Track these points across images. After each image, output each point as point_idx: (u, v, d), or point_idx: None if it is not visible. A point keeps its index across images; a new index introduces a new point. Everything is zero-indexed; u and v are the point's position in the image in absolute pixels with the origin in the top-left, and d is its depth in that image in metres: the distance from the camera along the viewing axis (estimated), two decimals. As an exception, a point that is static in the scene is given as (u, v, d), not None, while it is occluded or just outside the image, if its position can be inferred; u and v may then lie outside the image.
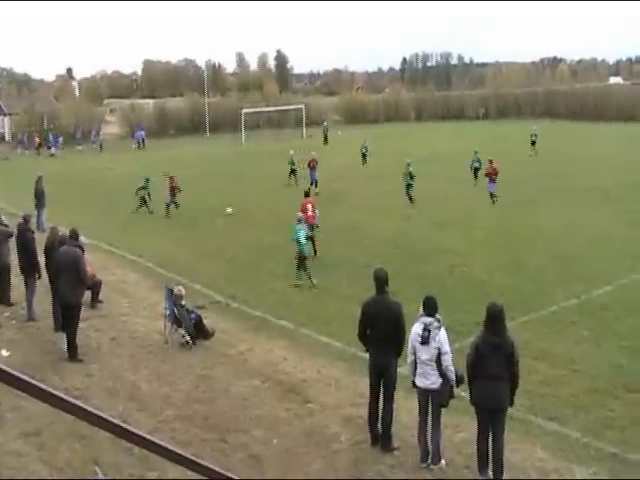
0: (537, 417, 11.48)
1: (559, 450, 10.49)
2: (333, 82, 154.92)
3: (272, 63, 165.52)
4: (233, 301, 18.35)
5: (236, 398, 12.48)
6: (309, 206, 22.64)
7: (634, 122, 74.51)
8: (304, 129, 72.18)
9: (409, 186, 31.94)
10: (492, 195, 31.23)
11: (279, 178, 39.27)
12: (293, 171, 38.49)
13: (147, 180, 31.89)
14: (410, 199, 31.57)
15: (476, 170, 36.51)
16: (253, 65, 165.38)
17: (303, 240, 19.64)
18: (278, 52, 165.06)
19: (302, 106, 75.92)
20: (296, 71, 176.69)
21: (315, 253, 22.43)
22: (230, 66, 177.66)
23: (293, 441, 10.90)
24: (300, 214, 20.50)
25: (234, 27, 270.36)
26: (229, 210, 29.01)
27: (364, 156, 44.84)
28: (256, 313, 17.35)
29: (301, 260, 19.64)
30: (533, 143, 49.59)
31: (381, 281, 10.55)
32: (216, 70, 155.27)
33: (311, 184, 34.61)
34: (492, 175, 31.51)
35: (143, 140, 67.00)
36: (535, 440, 10.77)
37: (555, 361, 13.81)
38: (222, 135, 73.46)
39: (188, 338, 15.02)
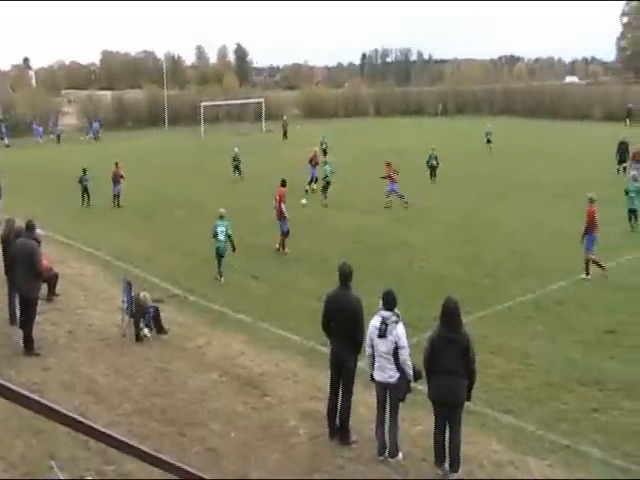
0: (493, 410, 11.63)
1: (514, 442, 10.66)
2: (293, 76, 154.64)
3: (232, 56, 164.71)
4: (191, 295, 18.29)
5: (194, 392, 12.45)
6: (277, 197, 22.58)
7: (589, 120, 75.62)
8: (263, 123, 71.96)
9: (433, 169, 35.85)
10: (401, 197, 30.42)
11: (242, 177, 39.17)
12: (237, 167, 38.76)
13: (84, 171, 31.06)
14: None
15: (433, 168, 36.53)
16: (213, 58, 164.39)
17: (221, 237, 19.65)
18: (238, 45, 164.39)
19: (262, 100, 75.65)
20: (256, 65, 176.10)
21: (283, 248, 22.55)
22: (189, 59, 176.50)
23: (251, 434, 10.91)
24: (222, 210, 20.23)
25: (194, 19, 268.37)
26: (304, 201, 28.47)
27: (325, 152, 44.83)
28: (214, 307, 17.31)
29: (219, 256, 19.78)
30: (488, 141, 49.98)
31: (345, 276, 10.61)
32: (175, 62, 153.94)
33: (310, 181, 34.74)
34: (390, 177, 30.41)
35: (97, 132, 66.30)
36: (491, 433, 10.92)
37: (511, 355, 14.00)
38: (181, 128, 72.94)
39: (146, 331, 14.95)
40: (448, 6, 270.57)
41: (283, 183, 22.93)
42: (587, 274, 19.36)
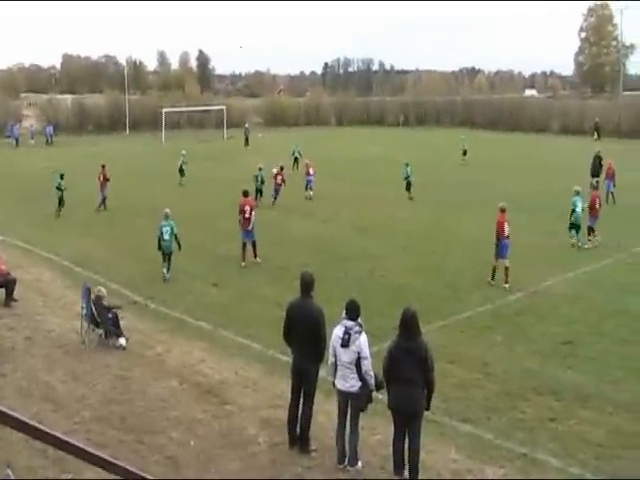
0: (452, 419, 11.75)
1: (472, 451, 10.78)
2: (255, 84, 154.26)
3: (194, 63, 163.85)
4: (151, 301, 18.20)
5: (153, 399, 12.38)
6: (247, 208, 22.14)
7: (547, 133, 76.66)
8: (225, 130, 71.82)
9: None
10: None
11: (200, 178, 39.06)
12: (182, 170, 38.89)
13: (61, 177, 30.33)
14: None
15: (409, 183, 35.89)
16: (175, 64, 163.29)
17: (166, 237, 20.24)
18: (200, 52, 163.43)
19: (223, 107, 75.48)
20: (218, 72, 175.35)
21: (255, 256, 22.16)
22: (151, 64, 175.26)
23: (210, 442, 10.88)
24: (168, 210, 20.87)
25: (156, 25, 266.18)
26: None
27: (296, 160, 44.76)
28: (174, 314, 17.24)
29: (164, 255, 20.39)
30: (464, 153, 50.42)
31: (306, 285, 10.63)
32: (137, 67, 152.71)
33: (307, 188, 34.93)
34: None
35: (51, 136, 65.64)
36: (449, 442, 11.03)
37: (469, 365, 14.14)
38: (142, 134, 72.46)
39: (122, 341, 14.83)
40: (410, 18, 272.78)
41: (246, 194, 22.71)
42: (500, 282, 19.89)
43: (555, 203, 31.61)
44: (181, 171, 38.94)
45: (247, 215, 22.00)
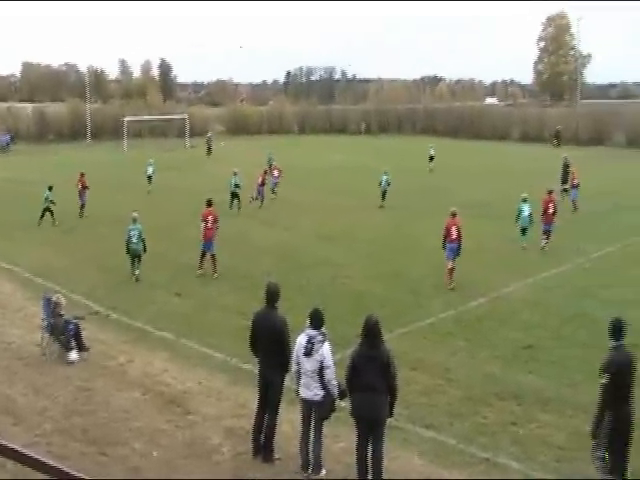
0: (415, 425, 11.83)
1: (435, 457, 10.88)
2: (217, 93, 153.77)
3: (156, 71, 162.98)
4: (113, 312, 18.07)
5: (116, 410, 12.28)
6: (210, 218, 21.99)
7: (507, 141, 77.52)
8: (187, 139, 71.57)
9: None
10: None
11: (163, 188, 38.89)
12: (150, 178, 39.58)
13: (50, 189, 30.25)
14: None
15: (384, 192, 35.71)
16: (136, 72, 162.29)
17: (134, 240, 21.08)
18: (162, 60, 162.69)
19: (186, 116, 75.25)
20: (180, 80, 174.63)
21: (214, 271, 21.84)
22: (113, 73, 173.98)
23: (174, 453, 10.83)
24: (135, 214, 21.56)
25: (117, 33, 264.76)
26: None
27: (271, 166, 44.75)
28: (137, 324, 17.15)
29: (132, 258, 21.24)
30: (431, 158, 50.92)
31: (271, 295, 10.64)
32: (98, 76, 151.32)
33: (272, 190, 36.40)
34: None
35: (8, 144, 64.92)
36: (413, 448, 11.12)
37: (432, 371, 14.26)
38: (104, 142, 71.88)
39: (74, 356, 14.67)
40: (371, 27, 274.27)
41: (209, 204, 22.50)
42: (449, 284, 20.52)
43: (516, 209, 31.98)
44: (149, 178, 39.51)
45: (209, 225, 21.89)
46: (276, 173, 37.49)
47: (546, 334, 16.62)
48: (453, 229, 21.08)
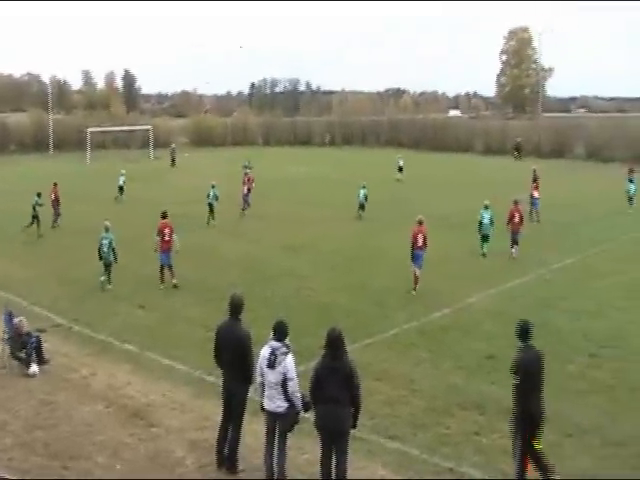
0: (379, 436, 11.87)
1: (399, 467, 10.93)
2: (181, 104, 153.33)
3: (120, 82, 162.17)
4: (76, 324, 17.91)
5: (79, 424, 12.20)
6: (167, 230, 21.97)
7: (470, 153, 78.25)
8: (151, 150, 71.26)
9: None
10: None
11: (127, 199, 38.70)
12: (121, 188, 40.22)
13: (39, 195, 31.14)
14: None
15: (362, 205, 35.92)
16: (100, 83, 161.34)
17: (105, 249, 21.41)
18: (126, 71, 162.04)
19: (149, 127, 74.96)
20: (144, 91, 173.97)
21: (174, 284, 21.72)
22: (76, 83, 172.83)
23: (137, 466, 10.78)
24: (108, 223, 21.82)
25: (81, 43, 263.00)
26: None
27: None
28: (100, 336, 17.02)
29: (106, 266, 21.53)
30: (400, 169, 51.98)
31: (235, 307, 10.66)
32: (61, 87, 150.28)
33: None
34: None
35: None
36: (377, 459, 11.15)
37: (396, 382, 14.32)
38: (66, 154, 71.25)
39: (34, 369, 14.53)
40: (335, 39, 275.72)
41: (164, 216, 22.46)
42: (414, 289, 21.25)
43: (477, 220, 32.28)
44: (120, 188, 40.56)
45: (167, 238, 21.89)
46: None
47: (508, 344, 16.61)
48: (419, 237, 21.69)
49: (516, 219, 26.45)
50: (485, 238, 26.68)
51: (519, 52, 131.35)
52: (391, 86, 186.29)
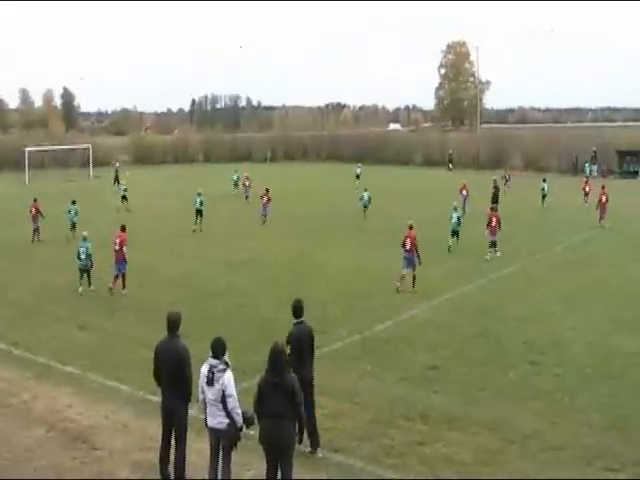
0: (323, 450, 11.88)
1: (344, 480, 10.95)
2: (121, 122, 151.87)
3: (58, 100, 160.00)
4: (16, 348, 17.58)
5: (19, 450, 11.97)
6: (117, 240, 23.24)
7: (410, 165, 79.15)
8: (91, 169, 70.45)
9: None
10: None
11: (63, 219, 38.11)
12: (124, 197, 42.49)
13: (73, 202, 34.72)
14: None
15: (366, 206, 40.46)
16: (38, 102, 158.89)
17: (82, 256, 22.92)
18: (65, 89, 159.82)
19: (89, 146, 74.15)
20: (83, 109, 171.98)
21: (124, 287, 23.15)
22: (13, 102, 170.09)
23: (80, 490, 10.63)
24: (85, 233, 23.61)
25: (17, 61, 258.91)
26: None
27: (236, 184, 44.85)
28: (40, 359, 16.73)
29: (81, 272, 23.06)
30: (357, 177, 55.46)
31: (172, 324, 10.62)
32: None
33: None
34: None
35: None
36: (322, 472, 11.17)
37: (339, 395, 14.35)
38: (4, 174, 70.04)
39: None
40: (275, 54, 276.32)
41: (123, 228, 23.90)
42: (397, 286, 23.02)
43: (420, 233, 32.64)
44: (124, 198, 43.56)
45: (117, 247, 23.15)
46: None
47: (450, 354, 17.00)
48: (408, 241, 23.36)
49: (493, 223, 28.79)
50: (453, 233, 29.92)
51: (457, 66, 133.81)
52: (331, 101, 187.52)
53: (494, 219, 28.87)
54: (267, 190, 39.35)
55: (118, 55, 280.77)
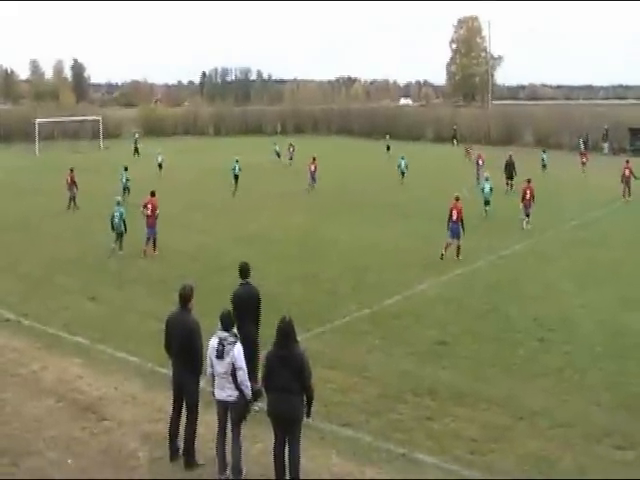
0: (332, 424, 11.90)
1: (352, 454, 10.95)
2: (132, 93, 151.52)
3: (68, 72, 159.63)
4: (25, 319, 17.64)
5: (29, 420, 12.03)
6: (149, 206, 24.68)
7: (422, 141, 78.78)
8: (101, 141, 70.41)
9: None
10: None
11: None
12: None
13: (125, 169, 37.42)
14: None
15: (403, 173, 44.24)
16: (48, 73, 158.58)
17: (117, 220, 24.31)
18: (75, 61, 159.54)
19: (99, 117, 74.09)
20: (93, 81, 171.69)
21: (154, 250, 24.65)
22: (24, 73, 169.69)
23: (89, 460, 10.67)
24: (119, 197, 25.77)
25: (28, 32, 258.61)
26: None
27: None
28: (50, 330, 16.79)
29: (117, 235, 24.50)
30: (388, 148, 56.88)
31: (184, 297, 10.62)
32: (8, 77, 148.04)
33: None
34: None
35: None
36: (330, 446, 11.17)
37: (348, 369, 14.37)
38: (14, 145, 70.11)
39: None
40: (286, 28, 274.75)
41: (153, 194, 25.36)
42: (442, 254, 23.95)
43: (430, 208, 32.62)
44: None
45: (148, 212, 24.53)
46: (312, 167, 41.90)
47: (459, 330, 16.96)
48: (454, 212, 23.95)
49: (527, 196, 29.98)
50: (487, 203, 32.12)
51: (468, 41, 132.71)
52: (342, 74, 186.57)
53: (528, 192, 30.08)
54: (314, 159, 41.88)
55: (129, 26, 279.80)
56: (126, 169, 37.36)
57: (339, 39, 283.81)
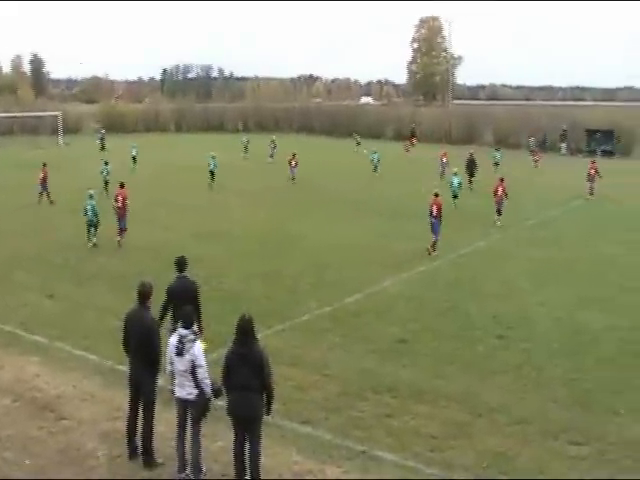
0: (292, 422, 11.92)
1: (313, 452, 10.98)
2: (92, 89, 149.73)
3: (27, 67, 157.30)
4: (-19, 318, 17.37)
5: (-15, 419, 11.85)
6: (119, 197, 25.49)
7: (382, 139, 78.92)
8: (61, 137, 69.54)
9: None
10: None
11: (33, 187, 37.63)
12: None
13: (106, 163, 37.54)
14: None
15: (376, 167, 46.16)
16: (6, 68, 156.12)
17: (89, 213, 24.74)
18: (34, 56, 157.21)
19: (59, 113, 73.16)
20: (53, 76, 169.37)
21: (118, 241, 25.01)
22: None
23: (47, 460, 10.56)
24: (91, 191, 25.42)
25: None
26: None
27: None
28: (7, 328, 16.57)
29: (89, 226, 24.89)
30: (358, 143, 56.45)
31: (142, 294, 10.55)
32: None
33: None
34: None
35: None
36: (290, 444, 11.19)
37: (309, 367, 14.39)
38: (-31, 141, 68.96)
39: None
40: (247, 25, 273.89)
41: (122, 185, 26.07)
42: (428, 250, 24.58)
43: (394, 205, 32.79)
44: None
45: (119, 204, 25.30)
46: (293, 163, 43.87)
47: (420, 327, 17.07)
48: (434, 208, 24.72)
49: (499, 192, 30.64)
50: (455, 197, 33.22)
51: (429, 40, 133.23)
52: (304, 72, 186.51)
53: (500, 188, 30.84)
54: (294, 155, 43.84)
55: (90, 22, 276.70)
56: (106, 163, 37.52)
57: (301, 36, 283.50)
